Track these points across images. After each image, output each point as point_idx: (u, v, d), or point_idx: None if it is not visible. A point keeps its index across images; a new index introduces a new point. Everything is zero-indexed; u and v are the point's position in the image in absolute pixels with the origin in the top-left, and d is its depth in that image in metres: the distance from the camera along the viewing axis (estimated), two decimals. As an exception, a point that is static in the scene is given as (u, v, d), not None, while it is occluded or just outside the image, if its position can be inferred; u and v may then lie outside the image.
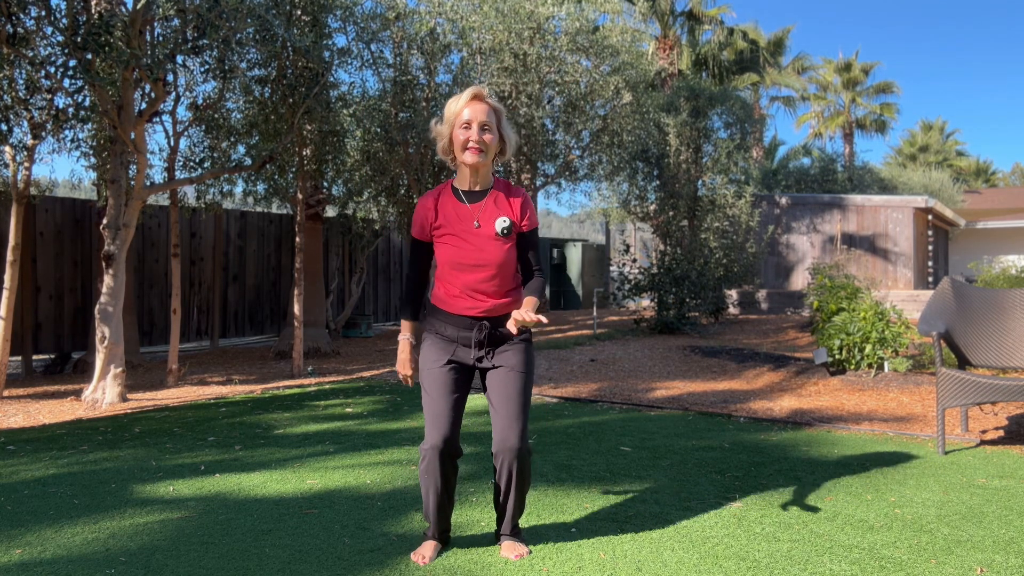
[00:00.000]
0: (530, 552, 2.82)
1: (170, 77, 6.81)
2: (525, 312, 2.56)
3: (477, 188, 2.74)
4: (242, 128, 8.16)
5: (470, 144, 2.65)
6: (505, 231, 2.69)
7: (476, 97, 2.68)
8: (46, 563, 2.79)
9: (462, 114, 2.66)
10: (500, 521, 2.87)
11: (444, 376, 2.71)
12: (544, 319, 2.57)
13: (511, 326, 2.60)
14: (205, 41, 6.16)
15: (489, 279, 2.69)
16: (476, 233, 2.68)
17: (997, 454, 4.31)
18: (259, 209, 11.23)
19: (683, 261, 11.39)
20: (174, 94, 7.40)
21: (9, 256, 6.49)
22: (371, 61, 8.95)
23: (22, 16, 5.75)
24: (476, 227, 2.68)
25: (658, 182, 13.36)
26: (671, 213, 12.79)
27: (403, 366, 2.87)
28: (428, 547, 2.82)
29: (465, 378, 2.78)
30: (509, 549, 2.81)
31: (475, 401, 5.79)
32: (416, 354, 2.89)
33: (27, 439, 4.95)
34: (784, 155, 27.46)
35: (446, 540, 2.90)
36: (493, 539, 2.96)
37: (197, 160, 8.12)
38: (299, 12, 7.31)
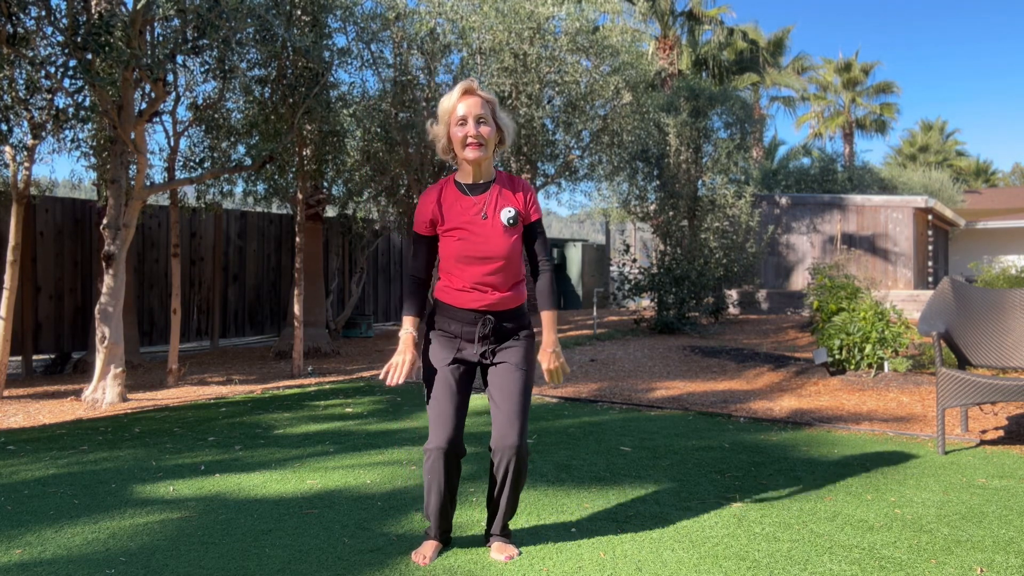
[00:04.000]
0: (520, 554, 2.82)
1: (170, 77, 6.81)
2: (552, 368, 2.79)
3: (481, 181, 2.74)
4: (242, 128, 8.16)
5: (469, 140, 2.64)
6: (511, 221, 2.68)
7: (467, 92, 2.67)
8: (46, 563, 2.79)
9: (456, 111, 2.65)
10: (491, 521, 2.87)
11: (449, 376, 2.71)
12: (568, 372, 2.88)
13: (546, 376, 2.76)
14: (205, 41, 6.16)
15: (496, 271, 2.68)
16: (483, 225, 2.67)
17: (997, 454, 4.31)
18: (259, 209, 11.23)
19: (683, 261, 11.39)
20: (174, 94, 7.40)
21: (9, 256, 6.49)
22: (371, 61, 8.95)
23: (22, 16, 5.75)
24: (483, 219, 2.67)
25: (658, 182, 13.36)
26: (671, 213, 12.78)
27: (400, 355, 2.71)
28: (428, 547, 2.82)
29: (469, 376, 2.78)
30: (499, 551, 2.81)
31: (476, 401, 5.79)
32: (415, 350, 2.79)
33: (27, 439, 4.95)
34: (784, 155, 27.45)
35: (447, 540, 2.89)
36: (484, 541, 2.94)
37: (197, 160, 8.12)
38: (299, 12, 7.31)
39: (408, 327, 2.79)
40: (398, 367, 2.71)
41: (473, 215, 2.68)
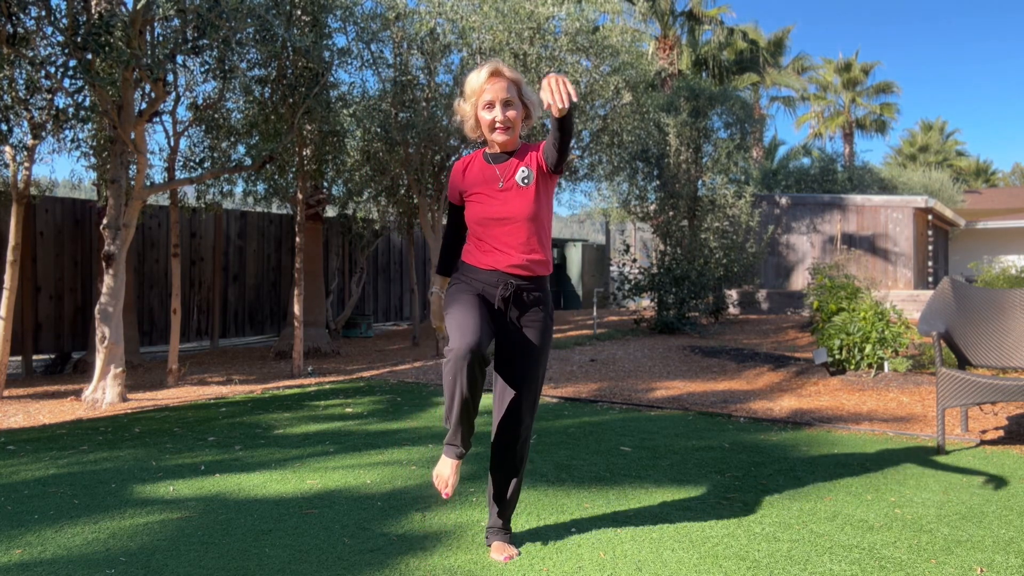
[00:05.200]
0: (520, 554, 2.82)
1: (170, 77, 6.81)
2: (550, 83, 2.34)
3: (507, 151, 2.80)
4: (242, 128, 8.16)
5: (496, 125, 2.71)
6: (525, 180, 2.72)
7: (494, 74, 2.71)
8: (46, 563, 2.79)
9: (483, 95, 2.70)
10: (493, 506, 2.88)
11: (472, 298, 2.69)
12: (573, 93, 2.36)
13: (543, 95, 2.35)
14: (205, 41, 6.16)
15: (516, 233, 2.71)
16: (500, 190, 2.73)
17: (997, 454, 4.31)
18: (259, 209, 11.24)
19: (683, 261, 11.39)
20: (174, 94, 7.39)
21: (9, 256, 6.49)
22: (371, 61, 8.94)
23: (22, 16, 5.75)
24: (500, 187, 2.73)
25: (658, 182, 13.35)
26: (671, 213, 12.78)
27: (437, 318, 2.96)
28: (447, 468, 2.64)
29: (491, 313, 2.73)
30: (499, 551, 2.81)
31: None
32: None
33: (27, 439, 4.95)
34: (784, 155, 27.44)
35: (468, 446, 2.67)
36: (484, 540, 2.94)
37: (197, 160, 8.13)
38: (299, 12, 7.31)
39: (436, 286, 2.99)
40: (441, 329, 2.94)
41: (493, 182, 2.75)
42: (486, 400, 5.70)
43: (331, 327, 11.33)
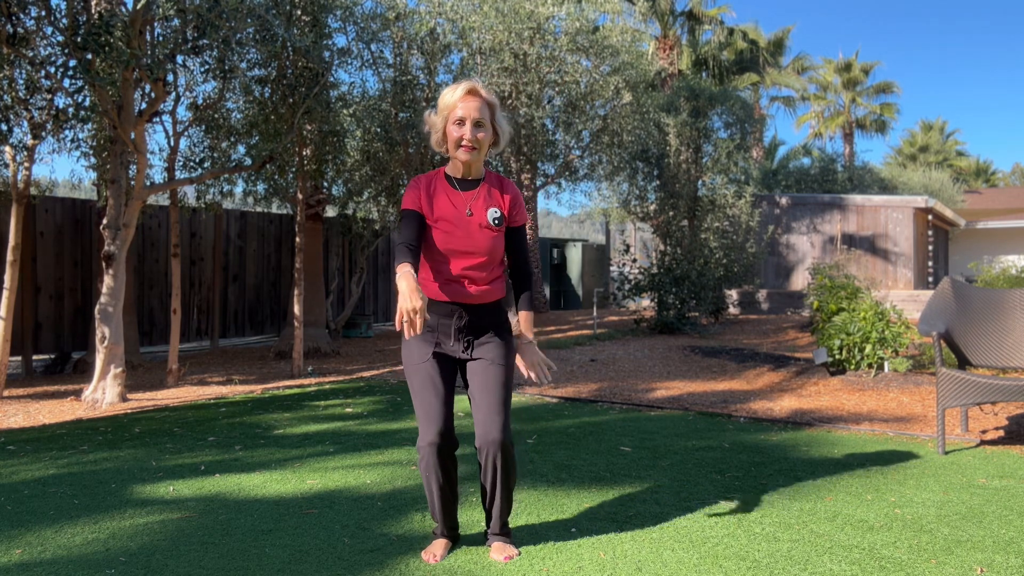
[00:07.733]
0: (520, 554, 2.81)
1: (170, 77, 6.81)
2: (534, 360, 2.76)
3: (470, 177, 2.78)
4: (242, 128, 8.16)
5: (464, 142, 2.67)
6: (496, 222, 2.73)
7: (470, 92, 2.68)
8: (46, 563, 2.79)
9: (456, 110, 2.67)
10: (489, 520, 2.87)
11: (431, 371, 2.71)
12: (553, 366, 2.76)
13: (523, 368, 2.77)
14: (205, 41, 6.16)
15: (477, 266, 2.71)
16: (468, 221, 2.70)
17: (997, 454, 4.31)
18: (259, 209, 11.23)
19: (683, 261, 11.39)
20: (174, 94, 7.39)
21: (9, 256, 6.49)
22: (371, 61, 8.95)
23: (22, 16, 5.75)
24: (468, 215, 2.71)
25: (658, 182, 13.36)
26: (671, 213, 12.78)
27: (408, 300, 2.34)
28: (438, 545, 2.83)
29: (451, 368, 2.78)
30: (498, 551, 2.80)
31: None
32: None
33: (27, 439, 4.95)
34: (784, 155, 27.45)
35: (455, 538, 2.91)
36: (484, 541, 2.95)
37: (197, 160, 8.12)
38: (299, 12, 7.31)
39: (407, 268, 2.46)
40: (414, 317, 2.34)
41: (460, 210, 2.71)
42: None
43: (331, 327, 11.33)
